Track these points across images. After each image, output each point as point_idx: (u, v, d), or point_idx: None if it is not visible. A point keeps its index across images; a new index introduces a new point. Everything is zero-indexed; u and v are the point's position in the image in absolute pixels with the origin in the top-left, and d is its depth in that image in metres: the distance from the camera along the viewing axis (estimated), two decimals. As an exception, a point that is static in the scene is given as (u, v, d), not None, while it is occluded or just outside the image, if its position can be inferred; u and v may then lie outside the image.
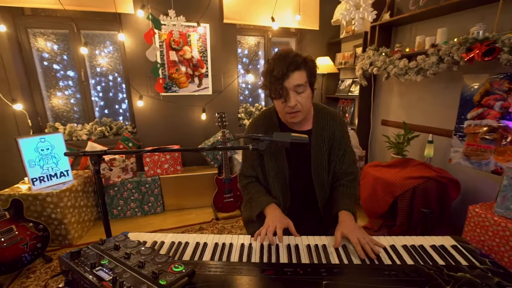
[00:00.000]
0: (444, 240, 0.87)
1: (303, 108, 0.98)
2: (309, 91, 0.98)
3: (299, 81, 0.93)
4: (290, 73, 0.92)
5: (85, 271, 0.71)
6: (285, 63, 0.92)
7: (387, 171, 2.14)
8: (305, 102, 0.97)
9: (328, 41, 3.21)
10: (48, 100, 2.55)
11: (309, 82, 0.97)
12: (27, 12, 2.30)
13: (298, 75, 0.93)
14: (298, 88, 0.94)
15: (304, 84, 0.95)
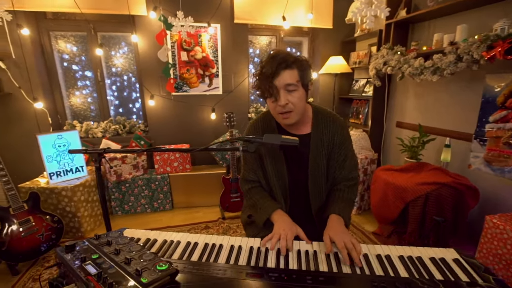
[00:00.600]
0: (446, 253, 0.81)
1: (296, 108, 0.95)
2: (302, 91, 0.95)
3: (289, 80, 0.91)
4: (280, 71, 0.90)
5: (74, 264, 0.74)
6: (275, 61, 0.91)
7: (399, 175, 2.05)
8: (297, 102, 0.94)
9: (342, 40, 3.12)
10: (67, 99, 2.69)
11: (302, 82, 0.94)
12: (49, 16, 2.44)
13: (288, 74, 0.91)
14: (288, 87, 0.92)
15: (295, 83, 0.92)
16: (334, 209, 1.00)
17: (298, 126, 1.07)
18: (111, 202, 2.52)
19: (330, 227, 0.91)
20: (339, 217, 0.97)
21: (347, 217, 0.99)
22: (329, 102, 3.16)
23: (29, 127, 2.37)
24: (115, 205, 2.52)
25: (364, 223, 2.29)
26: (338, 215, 0.97)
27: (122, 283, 0.64)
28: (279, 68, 0.90)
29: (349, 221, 1.02)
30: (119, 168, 2.40)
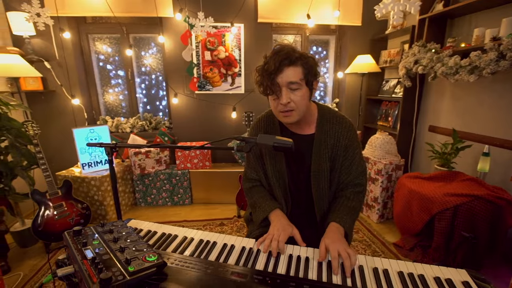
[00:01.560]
0: (456, 274, 0.72)
1: (298, 107, 0.91)
2: (306, 90, 0.91)
3: (292, 78, 0.87)
4: (283, 67, 0.86)
5: (76, 248, 0.79)
6: (279, 57, 0.86)
7: (426, 184, 1.88)
8: (300, 101, 0.90)
9: (372, 38, 2.95)
10: (101, 96, 2.91)
11: (306, 80, 0.89)
12: (88, 20, 2.66)
13: (292, 71, 0.87)
14: (291, 85, 0.88)
15: (298, 81, 0.88)
16: (335, 217, 0.95)
17: (302, 126, 1.03)
18: (135, 193, 2.68)
19: (327, 235, 0.87)
20: (338, 226, 0.91)
21: (348, 226, 0.93)
22: (355, 103, 3.01)
23: (67, 121, 2.62)
24: (139, 196, 2.68)
25: (385, 232, 2.14)
26: (338, 224, 0.92)
27: (111, 269, 0.68)
28: (282, 65, 0.86)
29: (350, 230, 0.95)
30: (143, 162, 2.55)
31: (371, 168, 2.29)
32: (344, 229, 0.91)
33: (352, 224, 0.97)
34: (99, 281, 0.63)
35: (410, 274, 0.71)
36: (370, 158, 2.30)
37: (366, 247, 1.95)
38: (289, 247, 0.86)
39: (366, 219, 2.36)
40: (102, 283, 0.63)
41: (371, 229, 2.17)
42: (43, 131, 2.63)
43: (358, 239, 2.05)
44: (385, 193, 2.24)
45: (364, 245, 1.97)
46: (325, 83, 3.30)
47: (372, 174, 2.28)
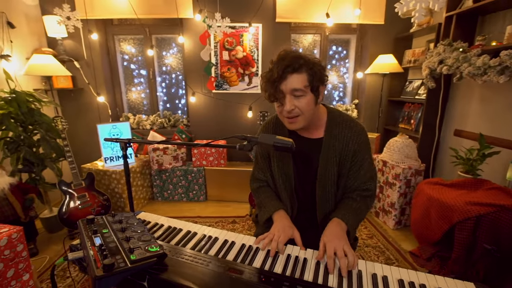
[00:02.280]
0: (462, 286, 0.67)
1: (303, 113, 0.90)
2: (310, 96, 0.89)
3: (296, 85, 0.86)
4: (287, 75, 0.85)
5: (87, 235, 0.85)
6: (283, 64, 0.85)
7: (447, 191, 1.77)
8: (305, 107, 0.89)
9: (395, 37, 2.83)
10: (125, 94, 3.07)
11: (311, 86, 0.88)
12: (115, 22, 2.81)
13: (296, 79, 0.86)
14: (295, 92, 0.87)
15: (302, 88, 0.87)
16: (337, 214, 0.94)
17: (310, 130, 1.02)
18: (153, 188, 2.79)
19: (327, 232, 0.86)
20: (340, 221, 0.90)
21: (350, 224, 0.91)
22: (375, 104, 2.90)
23: (92, 118, 2.79)
24: (156, 191, 2.79)
25: (401, 240, 2.05)
26: (341, 219, 0.90)
27: (115, 257, 0.72)
28: (285, 72, 0.85)
29: (352, 229, 0.93)
30: (161, 158, 2.64)
31: (388, 172, 2.20)
32: (347, 226, 0.90)
33: (355, 224, 0.95)
34: (102, 266, 0.67)
35: (410, 283, 0.68)
36: (388, 162, 2.21)
37: (379, 253, 1.88)
38: (288, 247, 0.86)
39: (382, 224, 2.27)
40: (105, 268, 0.67)
41: (386, 235, 2.09)
42: (72, 126, 2.82)
43: (371, 245, 1.98)
44: (403, 198, 2.14)
45: (378, 252, 1.90)
46: (344, 83, 3.22)
47: (390, 178, 2.19)
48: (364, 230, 2.18)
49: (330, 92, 3.24)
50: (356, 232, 1.02)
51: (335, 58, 3.14)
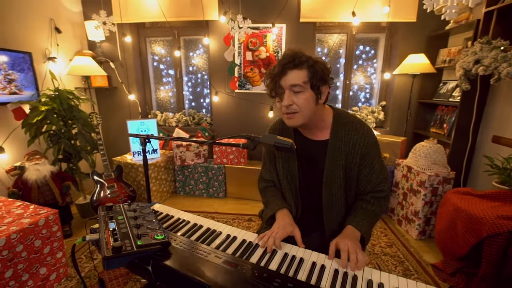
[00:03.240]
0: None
1: (301, 110, 0.90)
2: (310, 93, 0.89)
3: (295, 81, 0.87)
4: (286, 70, 0.87)
5: (103, 220, 0.93)
6: (284, 60, 0.88)
7: (477, 202, 1.63)
8: (303, 104, 0.89)
9: (429, 35, 2.65)
10: (154, 92, 3.26)
11: (311, 83, 0.88)
12: (147, 25, 3.00)
13: (295, 74, 0.87)
14: (294, 88, 0.88)
15: (301, 84, 0.87)
16: (351, 221, 0.93)
17: (313, 131, 1.01)
18: (176, 182, 2.93)
19: (340, 236, 0.87)
20: (354, 229, 0.90)
21: (365, 231, 0.91)
22: (404, 106, 2.75)
23: (124, 114, 3.01)
24: (178, 185, 2.93)
25: (424, 251, 1.92)
26: (354, 227, 0.90)
27: (124, 241, 0.79)
28: (286, 68, 0.87)
29: (367, 235, 0.92)
30: (184, 154, 2.77)
31: (413, 179, 2.08)
32: (361, 233, 0.89)
33: (370, 229, 0.94)
34: (111, 248, 0.74)
35: None
36: (413, 168, 2.09)
37: (397, 263, 1.79)
38: (287, 246, 0.87)
39: (404, 233, 2.15)
40: (113, 250, 0.74)
41: (407, 245, 1.98)
42: (106, 121, 3.07)
43: (390, 254, 1.89)
44: (428, 207, 2.01)
45: (396, 261, 1.81)
46: (371, 84, 3.10)
47: (414, 185, 2.07)
48: (384, 238, 2.08)
49: (356, 93, 3.13)
50: (370, 236, 1.01)
51: (362, 58, 3.03)
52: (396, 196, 2.32)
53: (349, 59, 2.98)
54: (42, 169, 1.92)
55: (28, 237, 1.39)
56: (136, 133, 2.54)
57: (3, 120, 2.07)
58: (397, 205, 2.31)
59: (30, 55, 2.18)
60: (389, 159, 2.42)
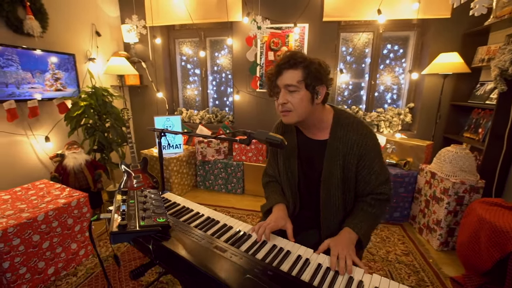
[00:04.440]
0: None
1: (295, 108, 0.93)
2: (305, 93, 0.91)
3: (289, 81, 0.90)
4: (283, 70, 0.91)
5: (117, 202, 1.05)
6: (281, 61, 0.92)
7: (505, 214, 1.50)
8: (297, 103, 0.92)
9: (465, 32, 2.45)
10: (181, 90, 3.45)
11: (305, 83, 0.90)
12: (176, 27, 3.19)
13: (290, 74, 0.90)
14: (289, 87, 0.91)
15: (296, 84, 0.90)
16: (349, 222, 0.94)
17: (314, 131, 1.03)
18: (197, 177, 3.08)
19: (335, 238, 0.88)
20: (351, 231, 0.90)
21: (363, 233, 0.90)
22: (433, 108, 2.58)
23: (153, 110, 3.24)
24: (199, 180, 3.07)
25: (444, 263, 1.80)
26: (352, 229, 0.90)
27: (130, 221, 0.89)
28: (281, 68, 0.91)
29: (365, 237, 0.92)
30: (205, 150, 2.90)
31: (436, 186, 1.96)
32: (358, 235, 0.90)
33: (369, 231, 0.94)
34: (118, 226, 0.85)
35: None
36: (436, 174, 1.96)
37: (412, 272, 1.70)
38: (278, 239, 0.90)
39: (424, 243, 2.03)
40: (119, 227, 0.84)
41: (426, 255, 1.87)
42: (137, 117, 3.32)
43: (405, 262, 1.80)
44: (452, 217, 1.87)
45: (410, 270, 1.72)
46: (399, 85, 2.95)
47: (437, 192, 1.94)
48: (401, 246, 1.99)
49: (382, 94, 3.01)
50: (370, 239, 1.00)
51: (390, 58, 2.90)
52: (418, 203, 2.20)
53: (375, 58, 2.87)
54: (78, 158, 2.16)
55: (62, 215, 1.59)
56: (156, 127, 2.73)
57: (50, 113, 2.36)
58: (419, 212, 2.18)
59: (74, 57, 2.46)
60: (413, 164, 2.30)
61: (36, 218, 1.45)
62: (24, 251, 1.41)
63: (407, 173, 2.23)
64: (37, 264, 1.49)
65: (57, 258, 1.59)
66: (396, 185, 2.25)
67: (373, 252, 1.92)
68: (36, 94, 2.19)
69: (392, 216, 2.34)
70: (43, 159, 2.33)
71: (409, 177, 2.23)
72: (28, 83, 2.12)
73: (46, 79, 2.25)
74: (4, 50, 1.95)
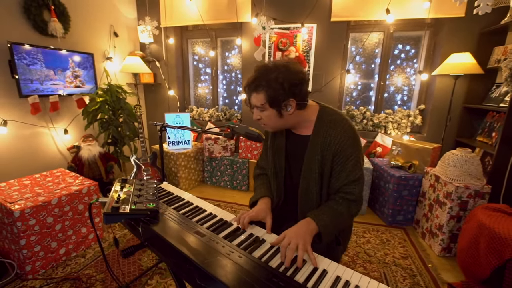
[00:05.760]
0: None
1: (267, 123, 1.02)
2: (270, 111, 0.97)
3: (256, 103, 0.98)
4: (250, 93, 0.99)
5: (115, 189, 1.14)
6: (247, 84, 0.98)
7: (506, 221, 1.45)
8: (267, 119, 1.00)
9: (481, 31, 2.36)
10: (193, 89, 3.57)
11: (270, 103, 0.95)
12: (189, 28, 3.31)
13: (255, 98, 0.98)
14: (258, 108, 0.99)
15: (261, 106, 0.96)
16: (312, 213, 0.96)
17: (300, 128, 1.08)
18: (204, 172, 3.18)
19: (293, 227, 0.90)
20: (311, 221, 0.92)
21: (322, 224, 0.91)
22: (444, 111, 2.50)
23: (165, 108, 3.38)
24: (206, 175, 3.17)
25: (444, 269, 1.76)
26: (312, 219, 0.93)
27: (123, 204, 0.97)
28: (249, 91, 0.99)
29: (326, 230, 0.92)
30: (212, 147, 2.99)
31: (440, 190, 1.91)
32: (318, 226, 0.91)
33: (331, 226, 0.94)
34: (111, 208, 0.93)
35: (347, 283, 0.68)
36: (440, 177, 1.91)
37: (408, 276, 1.68)
38: (257, 228, 0.95)
39: (426, 247, 1.99)
40: (112, 209, 0.92)
41: (426, 260, 1.83)
42: (151, 113, 3.48)
43: (402, 265, 1.78)
44: (455, 222, 1.82)
45: (407, 274, 1.70)
46: (410, 86, 2.88)
47: (441, 196, 1.90)
48: (400, 249, 1.96)
49: (392, 95, 2.95)
50: (332, 236, 0.99)
51: (401, 58, 2.84)
52: (422, 207, 2.15)
53: (385, 58, 2.82)
54: (92, 149, 2.33)
55: (74, 201, 1.73)
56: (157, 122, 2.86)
57: (69, 108, 2.56)
58: (423, 216, 2.13)
59: (92, 56, 2.64)
60: (418, 167, 2.25)
61: (50, 202, 1.60)
62: (39, 231, 1.56)
63: (411, 176, 2.19)
64: (50, 244, 1.63)
65: (68, 240, 1.73)
66: (399, 187, 2.21)
67: (370, 254, 1.90)
68: (57, 90, 2.38)
69: (395, 220, 2.30)
70: (62, 150, 2.53)
71: (414, 180, 2.19)
72: (50, 79, 2.31)
73: (67, 77, 2.44)
74: (30, 50, 2.15)
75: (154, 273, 1.64)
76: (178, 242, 0.81)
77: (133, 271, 1.65)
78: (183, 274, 0.81)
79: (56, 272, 1.62)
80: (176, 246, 0.79)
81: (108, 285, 1.54)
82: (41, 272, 1.61)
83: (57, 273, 1.62)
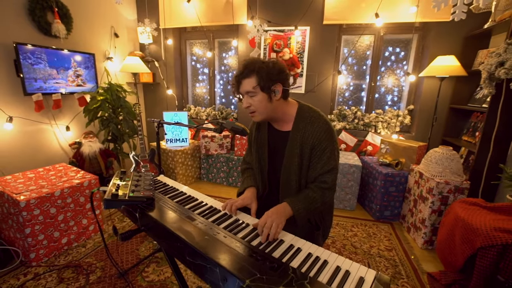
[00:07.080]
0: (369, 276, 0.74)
1: (257, 109, 1.09)
2: (262, 95, 1.06)
3: (247, 88, 1.06)
4: (241, 80, 1.07)
5: (114, 179, 1.24)
6: (237, 73, 1.08)
7: (480, 213, 1.56)
8: (257, 104, 1.07)
9: (466, 35, 2.47)
10: (191, 88, 3.67)
11: (261, 87, 1.04)
12: (188, 29, 3.41)
13: (246, 82, 1.06)
14: (249, 93, 1.07)
15: (252, 90, 1.05)
16: (288, 199, 1.07)
17: (279, 123, 1.18)
18: (201, 169, 3.28)
19: (270, 211, 1.00)
20: (286, 205, 1.03)
21: (297, 209, 1.02)
22: (431, 111, 2.60)
23: (164, 106, 3.48)
24: (203, 172, 3.27)
25: (425, 260, 1.86)
26: (288, 204, 1.03)
27: (122, 192, 1.07)
28: (239, 79, 1.07)
29: (299, 214, 1.03)
30: (208, 145, 3.09)
31: (423, 185, 2.01)
32: (293, 210, 1.02)
33: (304, 212, 1.04)
34: (111, 195, 1.03)
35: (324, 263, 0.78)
36: (423, 174, 2.02)
37: (390, 266, 1.78)
38: (242, 214, 1.05)
39: (410, 241, 2.09)
40: (112, 196, 1.02)
41: (409, 252, 1.93)
42: (150, 112, 3.58)
43: (386, 257, 1.88)
44: (436, 216, 1.93)
45: (390, 264, 1.80)
46: (400, 87, 2.98)
47: (424, 192, 2.00)
48: (386, 242, 2.06)
49: (383, 96, 3.05)
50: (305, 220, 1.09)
51: (391, 60, 2.94)
52: (408, 202, 2.25)
53: (376, 60, 2.93)
54: (93, 146, 2.42)
55: (75, 193, 1.83)
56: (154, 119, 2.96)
57: (71, 106, 2.66)
58: (408, 211, 2.24)
59: (93, 56, 2.74)
60: (405, 164, 2.35)
61: (53, 194, 1.70)
62: (43, 220, 1.66)
63: (398, 173, 2.29)
64: (53, 233, 1.73)
65: (70, 230, 1.83)
66: (387, 184, 2.31)
67: (356, 246, 2.01)
68: (60, 88, 2.48)
69: (383, 215, 2.40)
70: (64, 146, 2.63)
71: (400, 177, 2.29)
72: (53, 78, 2.41)
73: (69, 76, 2.54)
74: (34, 50, 2.25)
75: (151, 262, 1.74)
76: (171, 226, 0.91)
77: (131, 260, 1.75)
78: (174, 253, 0.91)
79: (59, 260, 1.72)
80: (169, 228, 0.89)
81: (107, 272, 1.64)
82: (44, 260, 1.71)
83: (59, 261, 1.72)
